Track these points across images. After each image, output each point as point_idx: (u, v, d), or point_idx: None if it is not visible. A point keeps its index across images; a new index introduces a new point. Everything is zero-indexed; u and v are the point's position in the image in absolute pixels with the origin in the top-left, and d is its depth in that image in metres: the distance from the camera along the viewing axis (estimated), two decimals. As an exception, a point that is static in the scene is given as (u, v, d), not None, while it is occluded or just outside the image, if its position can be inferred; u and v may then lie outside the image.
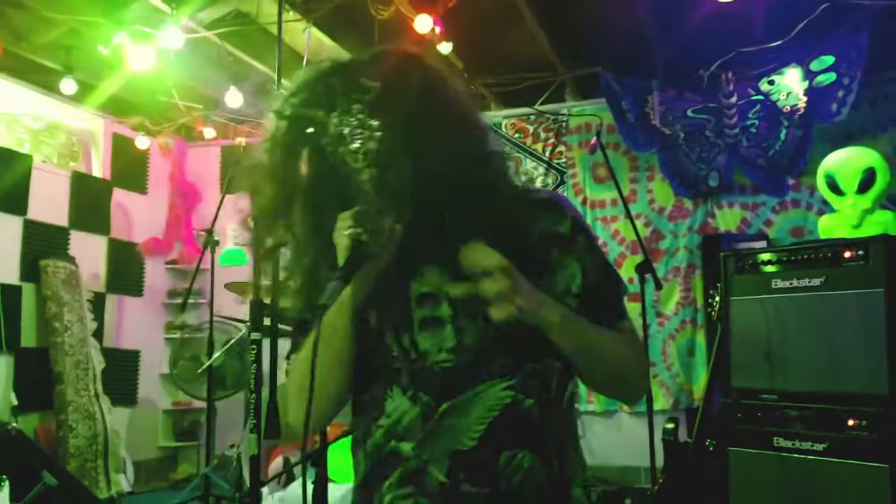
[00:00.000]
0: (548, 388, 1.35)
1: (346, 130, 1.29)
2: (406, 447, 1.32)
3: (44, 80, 5.80)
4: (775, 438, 3.64)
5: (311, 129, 1.34)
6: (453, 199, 1.31)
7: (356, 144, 1.29)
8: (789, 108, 5.12)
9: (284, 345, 1.74)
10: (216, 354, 5.30)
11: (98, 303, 6.32)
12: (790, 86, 5.01)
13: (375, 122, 1.29)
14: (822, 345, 3.58)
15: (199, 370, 5.47)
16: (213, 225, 5.11)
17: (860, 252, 3.49)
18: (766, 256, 3.88)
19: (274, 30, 5.23)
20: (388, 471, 1.33)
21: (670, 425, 4.04)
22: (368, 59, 1.38)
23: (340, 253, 1.29)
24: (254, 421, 2.77)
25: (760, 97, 5.16)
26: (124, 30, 4.72)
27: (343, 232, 1.29)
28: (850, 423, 3.39)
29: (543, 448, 1.33)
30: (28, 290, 5.76)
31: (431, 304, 1.35)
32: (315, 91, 1.36)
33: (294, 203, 1.38)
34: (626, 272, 5.03)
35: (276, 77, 3.59)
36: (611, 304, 1.43)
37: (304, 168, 1.37)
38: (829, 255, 3.60)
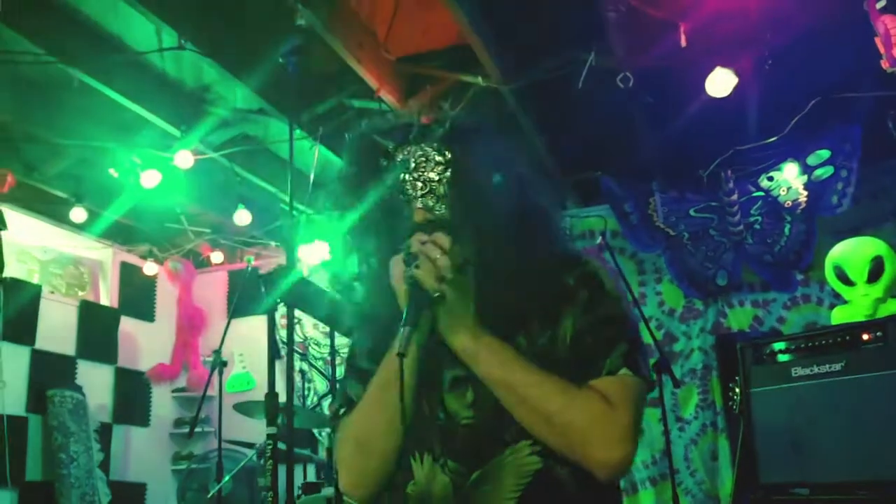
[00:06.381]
0: None
1: (411, 159, 1.32)
2: None
3: (53, 210, 5.90)
4: (811, 535, 3.48)
5: (381, 159, 1.36)
6: (487, 253, 1.30)
7: (417, 173, 1.32)
8: (791, 203, 5.16)
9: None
10: (224, 479, 5.14)
11: (104, 433, 6.19)
12: (789, 181, 5.07)
13: (440, 157, 1.32)
14: (848, 431, 3.46)
15: (209, 496, 5.29)
16: (221, 346, 5.06)
17: (878, 333, 3.43)
18: (783, 345, 3.81)
19: (279, 150, 5.37)
20: None
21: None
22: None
23: (401, 300, 1.28)
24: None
25: (761, 193, 5.21)
26: (135, 153, 4.84)
27: (397, 278, 1.29)
28: (888, 513, 3.25)
29: None
30: (34, 421, 5.65)
31: (462, 364, 1.32)
32: (395, 124, 1.39)
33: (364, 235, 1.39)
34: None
35: (287, 197, 3.65)
36: (592, 357, 1.29)
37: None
38: (848, 338, 3.54)
